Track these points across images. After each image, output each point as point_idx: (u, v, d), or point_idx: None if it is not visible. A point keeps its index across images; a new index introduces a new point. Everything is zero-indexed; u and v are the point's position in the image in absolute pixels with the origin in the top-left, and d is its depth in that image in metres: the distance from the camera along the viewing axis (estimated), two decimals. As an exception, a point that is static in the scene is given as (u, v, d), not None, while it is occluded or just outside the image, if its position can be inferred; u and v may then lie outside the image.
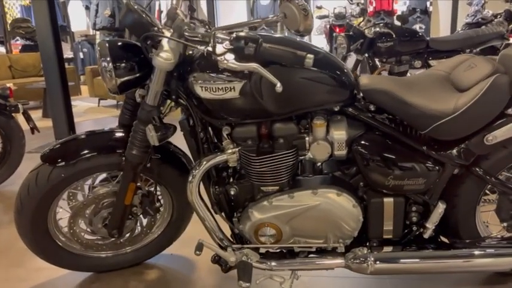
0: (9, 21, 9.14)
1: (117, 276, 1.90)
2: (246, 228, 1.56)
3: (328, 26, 9.16)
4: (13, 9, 9.94)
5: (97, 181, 1.79)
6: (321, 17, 6.56)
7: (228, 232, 1.66)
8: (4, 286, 1.86)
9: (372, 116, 1.50)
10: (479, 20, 6.66)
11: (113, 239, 1.80)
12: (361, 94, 1.51)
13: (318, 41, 9.89)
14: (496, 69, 1.38)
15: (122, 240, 1.87)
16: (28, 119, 3.15)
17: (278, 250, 1.67)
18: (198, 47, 1.30)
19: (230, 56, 1.26)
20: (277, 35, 1.45)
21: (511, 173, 1.63)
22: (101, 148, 1.64)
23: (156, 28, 1.40)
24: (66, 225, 1.74)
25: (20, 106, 3.03)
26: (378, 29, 4.58)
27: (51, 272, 1.92)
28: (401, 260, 1.52)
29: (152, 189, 1.77)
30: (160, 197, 1.86)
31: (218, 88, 1.36)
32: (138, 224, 1.87)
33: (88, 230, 1.78)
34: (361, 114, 1.50)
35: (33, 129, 3.16)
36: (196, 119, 1.51)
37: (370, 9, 9.48)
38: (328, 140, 1.48)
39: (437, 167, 1.46)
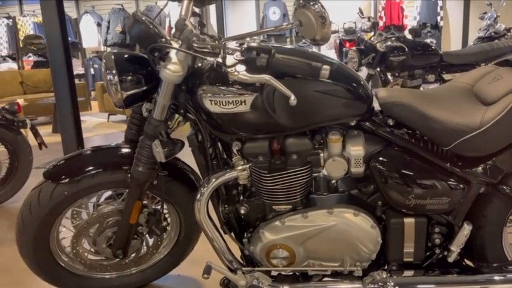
0: (21, 38, 9.29)
1: (122, 298, 1.82)
2: (257, 249, 1.48)
3: (338, 41, 9.17)
4: (26, 26, 10.12)
5: (102, 199, 1.72)
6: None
7: (237, 254, 1.57)
8: (5, 308, 1.79)
9: (391, 131, 1.42)
10: (492, 34, 6.59)
11: (118, 259, 1.72)
12: (379, 108, 1.43)
13: (329, 56, 9.91)
14: (521, 81, 1.30)
15: (127, 260, 1.78)
16: (36, 134, 3.12)
17: (291, 273, 1.57)
18: (208, 58, 1.24)
19: (241, 68, 1.19)
20: (289, 46, 1.39)
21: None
22: (106, 165, 1.58)
23: (163, 39, 1.34)
24: (69, 245, 1.67)
25: (27, 121, 3.00)
26: (389, 42, 4.52)
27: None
28: (424, 286, 1.41)
29: (159, 207, 1.69)
30: (167, 216, 1.79)
31: (228, 102, 1.29)
32: (144, 244, 1.79)
33: (92, 250, 1.70)
34: (379, 129, 1.42)
35: (41, 144, 3.13)
36: (205, 134, 1.44)
37: (380, 24, 9.47)
38: (345, 156, 1.40)
39: (462, 186, 1.37)
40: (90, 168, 1.55)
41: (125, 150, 1.61)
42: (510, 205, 1.44)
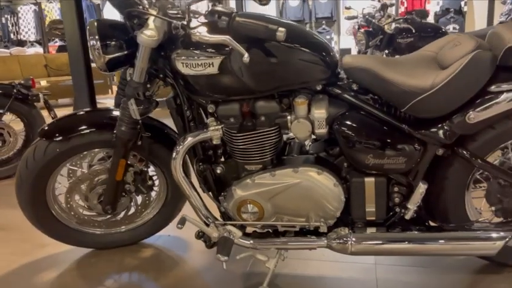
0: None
1: (114, 254, 1.97)
2: (230, 205, 1.59)
3: (356, 27, 9.10)
4: (52, 12, 10.46)
5: (95, 159, 1.87)
6: (349, 18, 6.53)
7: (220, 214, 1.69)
8: (9, 259, 1.97)
9: (354, 95, 1.50)
10: (513, 19, 6.41)
11: (108, 216, 1.87)
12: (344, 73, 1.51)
13: (348, 42, 9.82)
14: (478, 45, 1.35)
15: (118, 218, 1.94)
16: (49, 108, 3.31)
17: (265, 231, 1.68)
18: (174, 21, 1.35)
19: (203, 29, 1.29)
20: (252, 12, 1.47)
21: (506, 158, 1.58)
22: (95, 125, 1.72)
23: (141, 7, 1.46)
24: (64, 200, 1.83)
25: (40, 95, 3.19)
26: (397, 24, 4.51)
27: (53, 248, 2.02)
28: (382, 241, 1.50)
29: (146, 168, 1.83)
30: (155, 177, 1.92)
31: (198, 64, 1.40)
32: (133, 204, 1.94)
33: (85, 206, 1.86)
34: (343, 93, 1.50)
35: (54, 118, 3.32)
36: (182, 97, 1.56)
37: (402, 9, 9.32)
38: (310, 118, 1.49)
39: (418, 146, 1.44)
40: (81, 128, 1.70)
41: (114, 113, 1.75)
42: (470, 169, 1.50)
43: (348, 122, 1.47)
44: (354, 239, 1.50)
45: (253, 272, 1.77)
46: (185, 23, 1.30)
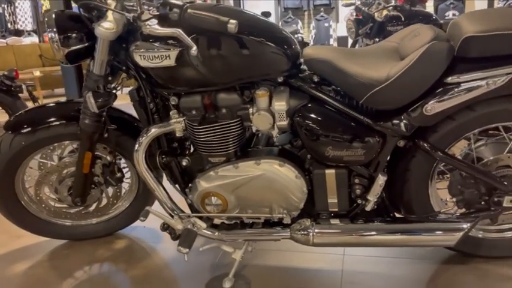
0: (44, 13, 9.58)
1: (88, 245, 1.99)
2: (194, 197, 1.60)
3: (354, 14, 9.00)
4: (48, 2, 10.40)
5: (66, 152, 1.88)
6: (347, 5, 6.47)
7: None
8: (-15, 250, 2.00)
9: (315, 87, 1.49)
10: (511, 4, 6.33)
11: (80, 208, 1.88)
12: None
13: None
14: (435, 36, 1.33)
15: (90, 210, 1.95)
16: (33, 99, 3.32)
17: (233, 222, 1.69)
18: (126, 14, 1.34)
19: (153, 22, 1.28)
20: (207, 3, 1.46)
21: (470, 149, 1.57)
22: (62, 117, 1.72)
23: None
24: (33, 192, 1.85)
25: (24, 87, 3.20)
26: (387, 12, 4.46)
27: (29, 239, 2.03)
28: (344, 233, 1.50)
29: (118, 159, 1.84)
30: (127, 169, 1.93)
31: (154, 56, 1.39)
32: (105, 195, 1.95)
33: (56, 198, 1.87)
34: (305, 85, 1.49)
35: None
36: (145, 89, 1.56)
37: (401, -4, 9.17)
38: (271, 110, 1.48)
39: (378, 138, 1.43)
40: (48, 120, 1.71)
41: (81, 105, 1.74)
42: (432, 160, 1.49)
43: (308, 114, 1.46)
44: (315, 231, 1.51)
45: (222, 263, 1.78)
46: (136, 15, 1.29)
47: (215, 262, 1.80)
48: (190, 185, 1.65)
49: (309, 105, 1.48)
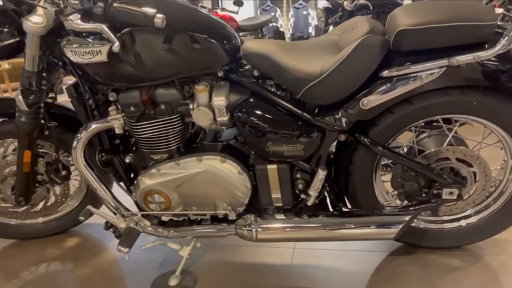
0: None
1: (37, 244, 1.95)
2: (137, 195, 1.57)
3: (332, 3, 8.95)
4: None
5: (9, 150, 1.82)
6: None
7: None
8: None
9: (255, 82, 1.46)
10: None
11: (26, 207, 1.84)
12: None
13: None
14: (370, 30, 1.31)
15: (37, 209, 1.91)
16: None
17: (181, 219, 1.67)
18: (49, 8, 1.29)
19: (76, 17, 1.23)
20: None
21: (411, 142, 1.57)
22: (1, 115, 1.66)
23: None
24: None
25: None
26: (357, 1, 4.43)
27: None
28: (286, 228, 1.50)
29: (66, 157, 1.79)
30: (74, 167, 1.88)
31: (86, 52, 1.34)
32: (52, 194, 1.90)
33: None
34: (245, 79, 1.46)
35: None
36: (83, 85, 1.51)
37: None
38: (211, 106, 1.45)
39: (317, 133, 1.42)
40: (-14, 118, 1.64)
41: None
42: (374, 153, 1.49)
43: (248, 110, 1.43)
44: (258, 226, 1.50)
45: (173, 260, 1.76)
46: (58, 9, 1.23)
47: (165, 259, 1.79)
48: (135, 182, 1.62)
49: (249, 100, 1.45)
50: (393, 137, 1.48)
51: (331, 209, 1.60)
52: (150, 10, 1.21)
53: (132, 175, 1.65)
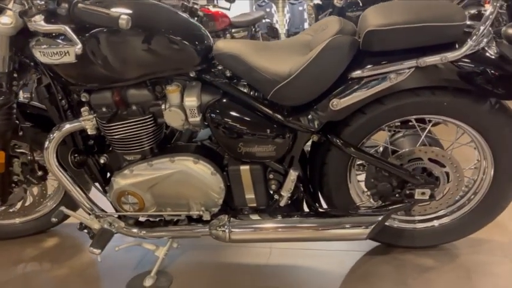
0: None
1: (16, 244, 1.95)
2: (111, 196, 1.56)
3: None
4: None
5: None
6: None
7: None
8: None
9: (227, 82, 1.45)
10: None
11: (2, 207, 1.83)
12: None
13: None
14: (339, 30, 1.30)
15: (15, 209, 1.90)
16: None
17: (158, 219, 1.67)
18: (12, 8, 1.27)
19: (40, 18, 1.22)
20: None
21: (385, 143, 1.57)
22: None
23: None
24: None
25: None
26: (346, -3, 4.41)
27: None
28: (259, 229, 1.49)
29: (37, 158, 1.78)
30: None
31: (54, 53, 1.33)
32: (30, 194, 1.90)
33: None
34: (217, 80, 1.45)
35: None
36: (55, 85, 1.50)
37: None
38: (183, 106, 1.45)
39: (288, 134, 1.41)
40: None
41: None
42: (348, 154, 1.48)
43: (219, 110, 1.43)
44: (231, 227, 1.50)
45: (149, 261, 1.76)
46: (22, 10, 1.22)
47: (143, 259, 1.78)
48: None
49: (221, 100, 1.44)
50: (367, 137, 1.48)
51: (307, 209, 1.60)
52: (115, 11, 1.20)
53: (108, 175, 1.65)
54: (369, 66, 1.30)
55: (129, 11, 1.32)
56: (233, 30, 5.33)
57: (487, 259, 1.61)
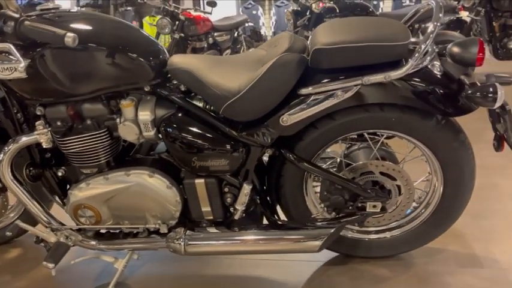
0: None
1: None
2: (68, 209, 1.57)
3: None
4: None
5: None
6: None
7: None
8: None
9: (182, 97, 1.46)
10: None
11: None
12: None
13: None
14: (289, 47, 1.32)
15: (-24, 220, 1.89)
16: None
17: (118, 231, 1.67)
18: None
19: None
20: (62, 13, 1.39)
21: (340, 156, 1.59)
22: None
23: None
24: None
25: None
26: (325, 3, 4.46)
27: None
28: (213, 242, 1.51)
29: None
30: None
31: (4, 68, 1.33)
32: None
33: None
34: (171, 94, 1.46)
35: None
36: (10, 99, 1.49)
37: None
38: (137, 121, 1.46)
39: (241, 149, 1.43)
40: None
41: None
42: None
43: (173, 125, 1.44)
44: (187, 240, 1.51)
45: (111, 272, 1.76)
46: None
47: (103, 271, 1.79)
48: (68, 196, 1.62)
49: (175, 115, 1.46)
50: (322, 149, 1.50)
51: (266, 221, 1.62)
52: (62, 29, 1.21)
53: (68, 188, 1.65)
54: (317, 83, 1.33)
55: (79, 27, 1.33)
56: (215, 34, 5.34)
57: (441, 269, 1.64)
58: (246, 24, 6.41)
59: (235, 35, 5.83)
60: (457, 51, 1.32)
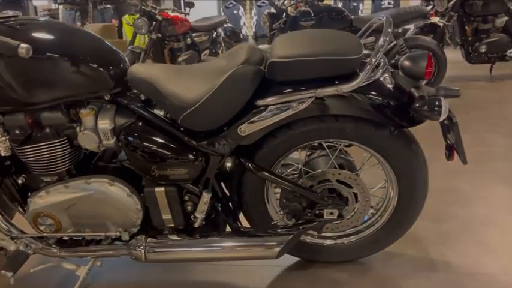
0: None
1: None
2: (28, 217, 1.56)
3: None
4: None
5: None
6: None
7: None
8: None
9: (142, 105, 1.48)
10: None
11: None
12: (131, 83, 1.48)
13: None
14: (244, 60, 1.34)
15: None
16: None
17: (80, 238, 1.67)
18: None
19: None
20: (22, 21, 1.38)
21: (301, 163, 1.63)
22: None
23: None
24: None
25: None
26: (300, 7, 4.50)
27: None
28: (173, 249, 1.53)
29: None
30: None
31: (-43, 77, 1.32)
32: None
33: None
34: (131, 103, 1.47)
35: None
36: (-32, 107, 1.48)
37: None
38: (96, 129, 1.46)
39: (200, 158, 1.45)
40: None
41: None
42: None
43: (132, 134, 1.45)
44: (148, 247, 1.52)
45: (74, 279, 1.76)
46: None
47: (66, 278, 1.78)
48: (28, 204, 1.61)
49: (135, 124, 1.47)
50: (281, 158, 1.53)
51: (228, 228, 1.64)
52: (18, 39, 1.21)
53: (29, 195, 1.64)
54: (274, 94, 1.35)
55: (37, 36, 1.33)
56: (194, 35, 5.34)
57: (397, 273, 1.70)
58: (225, 25, 6.42)
59: (214, 35, 5.83)
60: (408, 64, 1.37)
